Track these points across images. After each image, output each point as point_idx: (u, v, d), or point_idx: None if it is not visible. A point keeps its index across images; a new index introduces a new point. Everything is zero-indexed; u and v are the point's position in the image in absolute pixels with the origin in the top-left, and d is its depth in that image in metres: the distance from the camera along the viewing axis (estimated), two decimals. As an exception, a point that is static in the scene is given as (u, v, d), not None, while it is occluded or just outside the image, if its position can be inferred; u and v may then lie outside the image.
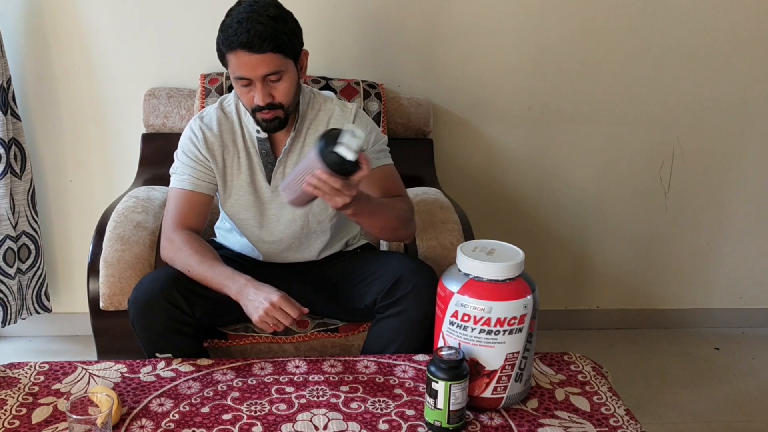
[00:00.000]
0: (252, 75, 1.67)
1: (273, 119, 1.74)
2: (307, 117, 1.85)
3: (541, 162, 2.69)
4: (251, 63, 1.66)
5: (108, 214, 2.00)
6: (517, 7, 2.50)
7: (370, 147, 1.83)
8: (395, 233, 1.81)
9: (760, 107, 2.69)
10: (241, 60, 1.66)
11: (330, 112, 1.86)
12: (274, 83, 1.70)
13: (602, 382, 1.61)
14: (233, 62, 1.68)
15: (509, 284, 1.44)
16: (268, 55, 1.66)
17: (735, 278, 2.90)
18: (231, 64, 1.69)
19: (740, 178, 2.78)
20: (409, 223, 1.83)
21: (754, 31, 2.60)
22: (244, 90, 1.72)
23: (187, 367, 1.61)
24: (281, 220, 1.87)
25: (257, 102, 1.70)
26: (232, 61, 1.68)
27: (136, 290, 1.70)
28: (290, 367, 1.62)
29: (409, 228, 1.84)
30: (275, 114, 1.73)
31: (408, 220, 1.82)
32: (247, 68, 1.67)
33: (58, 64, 2.44)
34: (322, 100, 1.88)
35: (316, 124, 1.85)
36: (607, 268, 2.85)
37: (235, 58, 1.67)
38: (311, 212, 1.86)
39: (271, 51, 1.65)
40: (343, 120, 1.84)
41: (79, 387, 1.53)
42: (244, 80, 1.69)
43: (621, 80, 2.62)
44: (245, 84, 1.70)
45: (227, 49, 1.68)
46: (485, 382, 1.46)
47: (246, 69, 1.67)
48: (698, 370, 2.64)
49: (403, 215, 1.80)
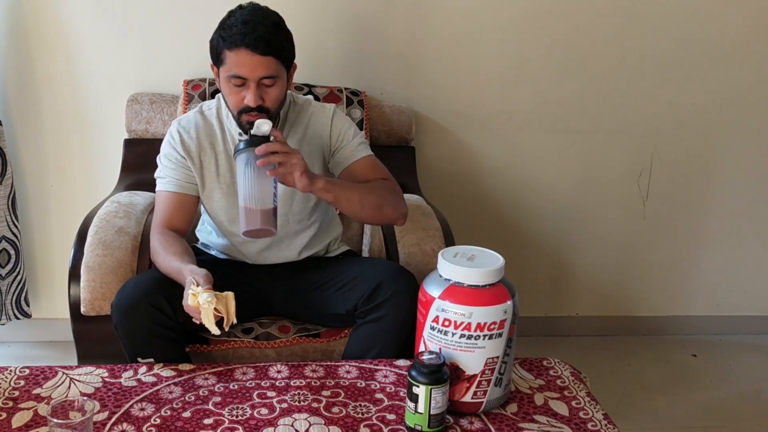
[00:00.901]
0: (250, 75, 1.69)
1: None
2: (288, 120, 1.87)
3: (521, 170, 2.71)
4: (252, 63, 1.67)
5: (90, 219, 1.99)
6: (499, 17, 2.53)
7: (351, 140, 1.87)
8: (380, 212, 1.80)
9: (737, 116, 2.73)
10: (242, 59, 1.68)
11: (309, 114, 1.90)
12: (267, 87, 1.72)
13: (581, 387, 1.63)
14: (232, 60, 1.69)
15: (489, 290, 1.45)
16: (269, 58, 1.68)
17: (712, 285, 2.94)
18: (228, 62, 1.70)
19: (718, 186, 2.81)
20: (395, 201, 1.82)
21: (731, 40, 2.64)
22: (234, 90, 1.73)
23: (168, 372, 1.61)
24: None
25: (248, 102, 1.71)
26: (231, 59, 1.69)
27: (119, 294, 1.70)
28: (272, 372, 1.63)
29: (398, 208, 1.83)
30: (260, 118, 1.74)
31: (391, 198, 1.82)
32: (246, 68, 1.68)
33: (40, 69, 2.43)
34: (301, 102, 1.92)
35: (297, 126, 1.88)
36: (587, 275, 2.87)
37: (236, 57, 1.68)
38: (291, 211, 1.88)
39: (272, 55, 1.68)
40: (322, 123, 1.88)
41: (60, 392, 1.52)
42: (240, 80, 1.70)
43: (600, 90, 2.65)
44: (239, 84, 1.71)
45: (229, 46, 1.68)
46: (465, 386, 1.47)
47: (245, 68, 1.68)
48: (675, 377, 2.67)
49: (383, 192, 1.81)
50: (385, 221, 1.90)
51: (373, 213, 1.80)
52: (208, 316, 1.50)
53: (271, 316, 1.95)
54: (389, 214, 1.83)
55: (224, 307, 1.52)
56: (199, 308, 1.51)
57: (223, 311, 1.52)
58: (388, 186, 1.85)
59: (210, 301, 1.49)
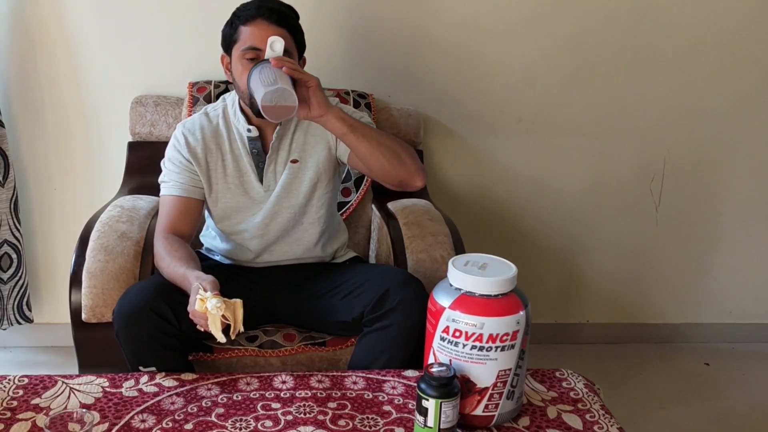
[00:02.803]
0: (264, 45, 1.69)
1: None
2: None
3: (531, 174, 2.67)
4: (267, 33, 1.69)
5: (92, 223, 1.95)
6: (508, 18, 2.49)
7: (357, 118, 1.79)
8: (398, 158, 1.70)
9: (750, 121, 2.69)
10: (259, 28, 1.70)
11: None
12: None
13: (595, 400, 1.58)
14: (247, 33, 1.71)
15: (502, 299, 1.41)
16: (284, 30, 1.72)
17: (725, 292, 2.89)
18: (243, 37, 1.72)
19: (731, 191, 2.77)
20: (413, 154, 1.74)
21: (745, 44, 2.60)
22: (248, 65, 1.71)
23: (170, 382, 1.57)
24: (274, 217, 1.86)
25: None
26: (246, 33, 1.72)
27: (121, 301, 1.66)
28: (276, 382, 1.59)
29: (416, 161, 1.73)
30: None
31: (409, 150, 1.74)
32: (261, 37, 1.70)
33: (43, 71, 2.40)
34: None
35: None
36: (598, 281, 2.83)
37: (251, 29, 1.71)
38: (298, 205, 1.86)
39: (286, 28, 1.72)
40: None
41: (59, 402, 1.49)
42: (254, 51, 1.71)
43: (612, 93, 2.61)
44: (253, 56, 1.71)
45: (245, 21, 1.72)
46: (477, 399, 1.43)
47: (260, 38, 1.70)
48: (688, 386, 2.62)
49: (401, 142, 1.76)
50: (402, 173, 1.73)
51: (390, 157, 1.70)
52: (215, 322, 1.47)
53: (275, 323, 1.91)
54: (408, 163, 1.72)
55: (232, 314, 1.48)
56: (207, 314, 1.47)
57: (230, 318, 1.48)
58: (405, 144, 1.78)
59: (219, 307, 1.46)
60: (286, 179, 1.85)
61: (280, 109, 1.59)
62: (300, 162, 1.85)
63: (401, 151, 1.73)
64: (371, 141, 1.69)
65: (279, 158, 1.84)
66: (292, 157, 1.85)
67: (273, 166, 1.84)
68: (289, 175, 1.85)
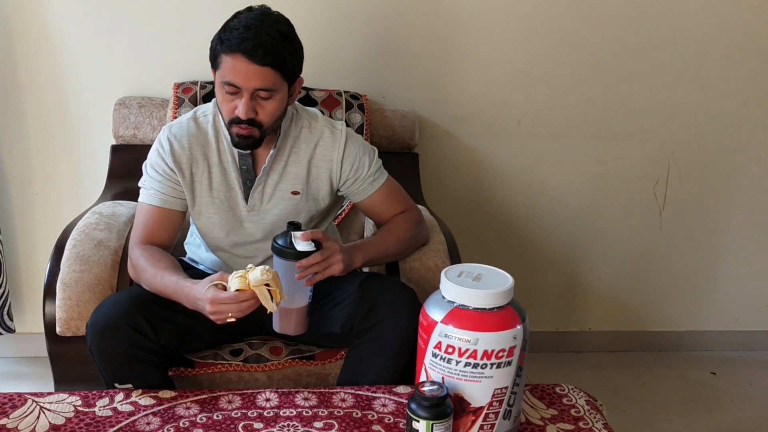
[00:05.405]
0: (243, 84, 1.57)
1: (248, 137, 1.63)
2: (290, 134, 1.75)
3: (530, 178, 2.60)
4: (247, 72, 1.56)
5: (68, 231, 1.87)
6: (507, 14, 2.42)
7: (366, 172, 1.78)
8: (409, 251, 1.89)
9: (758, 122, 2.62)
10: (238, 65, 1.56)
11: (319, 134, 1.76)
12: (262, 100, 1.60)
13: (597, 417, 1.50)
14: (227, 65, 1.57)
15: (498, 313, 1.33)
16: (267, 69, 1.56)
17: (732, 299, 2.82)
18: (224, 67, 1.58)
19: (738, 195, 2.70)
20: (418, 234, 1.88)
21: (750, 44, 2.53)
22: (227, 97, 1.61)
23: (147, 400, 1.48)
24: (257, 237, 1.78)
25: (239, 113, 1.59)
26: (227, 63, 1.57)
27: (95, 314, 1.57)
28: (260, 400, 1.50)
29: (420, 239, 1.90)
30: (251, 132, 1.63)
31: (415, 232, 1.87)
32: (240, 76, 1.56)
33: (23, 71, 2.33)
34: (307, 116, 1.79)
35: (300, 143, 1.75)
36: (600, 288, 2.76)
37: (232, 62, 1.56)
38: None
39: (270, 66, 1.56)
40: (333, 147, 1.75)
41: (28, 422, 1.41)
42: (233, 87, 1.58)
43: (614, 93, 2.54)
44: (232, 92, 1.59)
45: (226, 50, 1.57)
46: (471, 419, 1.35)
47: (239, 76, 1.56)
48: (693, 396, 2.55)
49: (407, 234, 1.83)
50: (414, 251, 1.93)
51: (404, 255, 1.89)
52: (264, 293, 1.44)
53: (261, 335, 1.82)
54: (415, 247, 1.90)
55: (275, 281, 1.45)
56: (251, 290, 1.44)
57: (273, 285, 1.44)
58: (410, 219, 1.85)
59: (268, 270, 1.44)
60: (285, 210, 1.75)
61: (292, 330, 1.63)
62: (302, 194, 1.77)
63: (411, 244, 1.87)
64: (389, 258, 1.86)
65: (269, 180, 1.74)
66: (294, 188, 1.75)
67: (261, 188, 1.74)
68: (288, 207, 1.76)
